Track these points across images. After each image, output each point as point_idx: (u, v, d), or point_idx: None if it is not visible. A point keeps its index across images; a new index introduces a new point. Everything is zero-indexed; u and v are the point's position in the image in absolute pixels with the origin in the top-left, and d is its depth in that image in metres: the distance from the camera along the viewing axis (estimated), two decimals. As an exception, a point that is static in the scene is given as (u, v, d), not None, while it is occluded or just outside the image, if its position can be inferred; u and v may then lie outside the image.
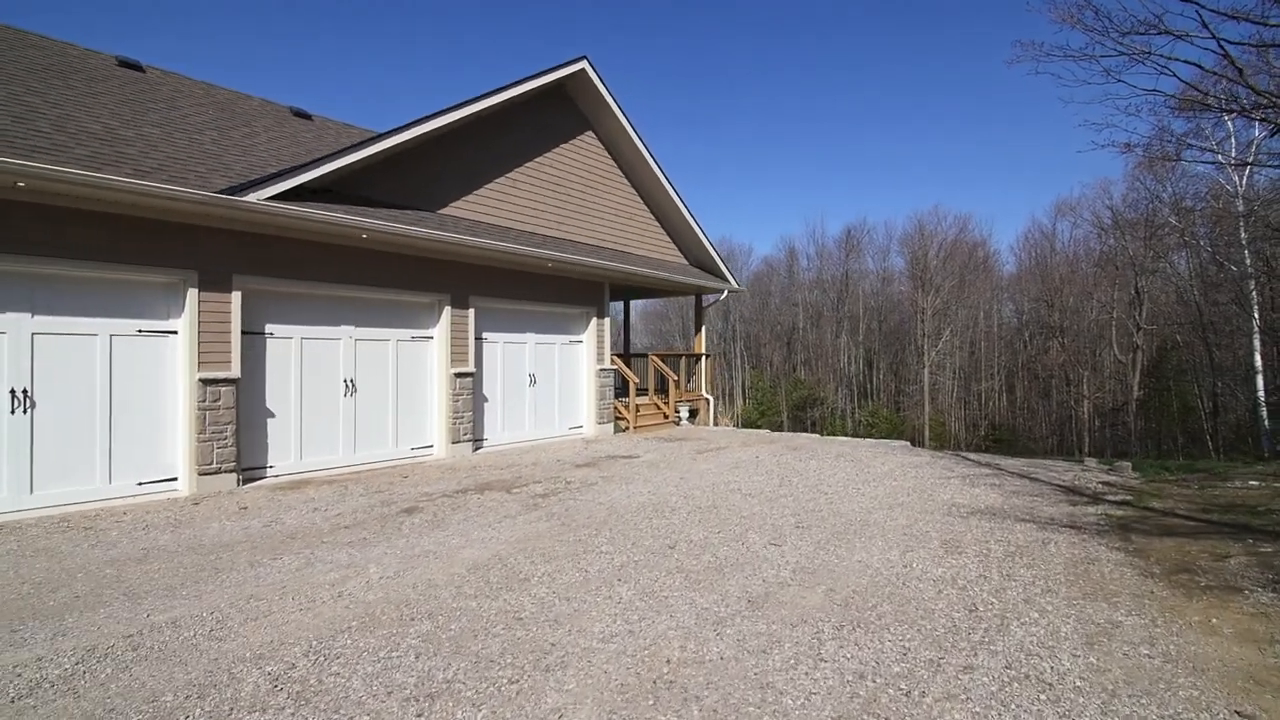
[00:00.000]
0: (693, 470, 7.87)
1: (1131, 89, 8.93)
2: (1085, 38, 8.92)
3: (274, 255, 7.37)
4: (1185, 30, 8.18)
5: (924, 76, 73.80)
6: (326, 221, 7.14)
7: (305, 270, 7.66)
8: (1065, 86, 10.44)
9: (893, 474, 7.63)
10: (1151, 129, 30.81)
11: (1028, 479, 7.42)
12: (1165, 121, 11.78)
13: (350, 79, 79.88)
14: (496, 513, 5.73)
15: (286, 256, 7.48)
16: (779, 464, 8.30)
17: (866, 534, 4.99)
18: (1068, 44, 9.97)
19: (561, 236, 10.96)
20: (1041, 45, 9.36)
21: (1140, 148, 10.64)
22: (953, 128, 74.76)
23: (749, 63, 79.38)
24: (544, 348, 10.82)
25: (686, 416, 12.68)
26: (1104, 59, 9.04)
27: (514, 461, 8.63)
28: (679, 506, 5.95)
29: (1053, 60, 9.32)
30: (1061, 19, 8.95)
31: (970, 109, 72.78)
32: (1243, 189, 19.61)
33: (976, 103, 71.68)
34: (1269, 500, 5.77)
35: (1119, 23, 8.54)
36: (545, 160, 10.77)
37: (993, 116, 71.27)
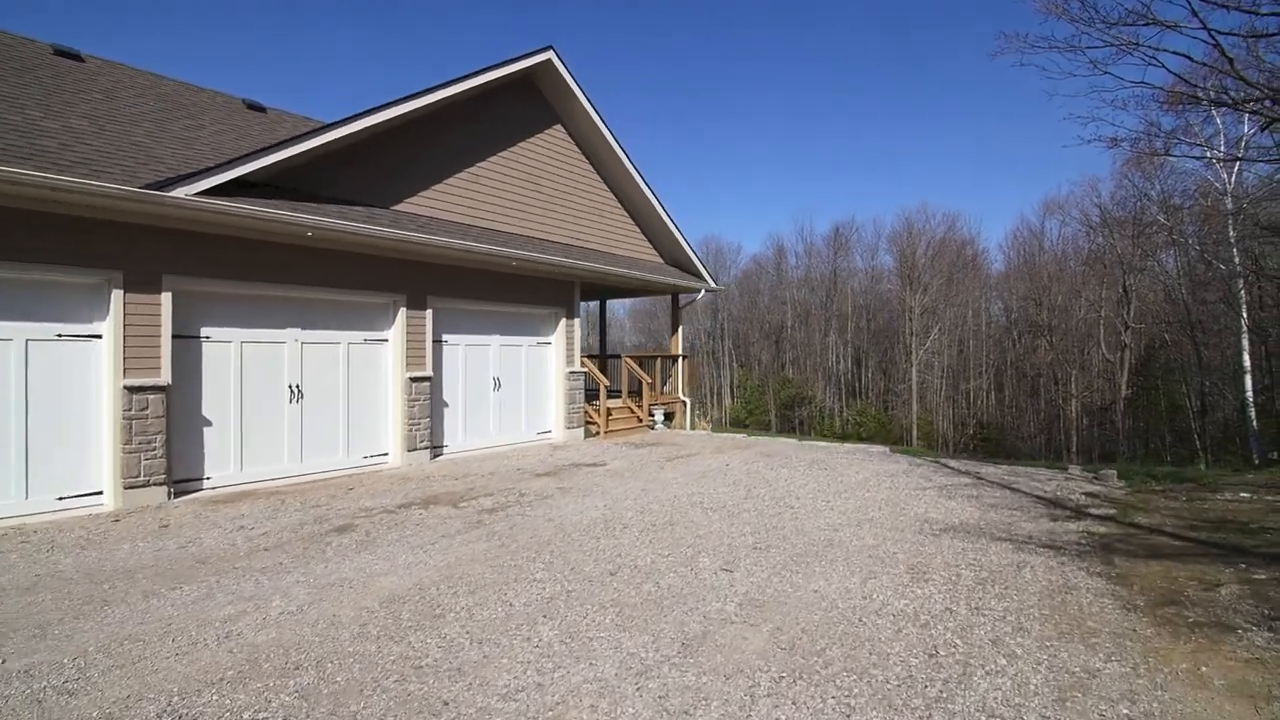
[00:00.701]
0: (657, 480, 7.47)
1: (1119, 81, 8.54)
2: (1071, 28, 8.56)
3: (211, 254, 6.89)
4: (1174, 20, 7.83)
5: (915, 72, 73.69)
6: (258, 218, 6.67)
7: (246, 270, 7.19)
8: (1050, 79, 10.07)
9: (866, 484, 7.26)
10: (1139, 123, 30.67)
11: (1008, 489, 7.07)
12: (1153, 116, 11.50)
13: (344, 74, 78.97)
14: (435, 531, 5.31)
15: (225, 255, 7.01)
16: (749, 473, 7.92)
17: (828, 556, 4.60)
18: (1053, 35, 9.61)
19: (528, 234, 10.52)
20: (1026, 36, 9.00)
21: (1127, 143, 10.32)
22: (943, 123, 74.74)
23: (740, 60, 79.01)
24: (510, 350, 10.38)
25: (662, 420, 12.28)
26: (1090, 50, 8.67)
27: (471, 470, 8.20)
28: (633, 523, 5.54)
29: (1038, 52, 8.95)
30: (1047, 9, 8.60)
31: (960, 104, 72.74)
32: (1231, 186, 19.41)
33: (967, 98, 71.66)
34: (1261, 516, 5.43)
35: (1106, 13, 8.18)
36: (511, 155, 10.32)
37: (984, 112, 71.26)
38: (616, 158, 11.81)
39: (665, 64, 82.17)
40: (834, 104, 77.81)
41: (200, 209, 6.31)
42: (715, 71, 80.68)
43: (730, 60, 79.36)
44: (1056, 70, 8.96)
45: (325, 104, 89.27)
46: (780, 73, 78.47)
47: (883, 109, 76.35)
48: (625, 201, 12.60)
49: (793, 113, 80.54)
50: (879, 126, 77.34)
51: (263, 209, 6.65)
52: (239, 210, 6.47)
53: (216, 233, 6.87)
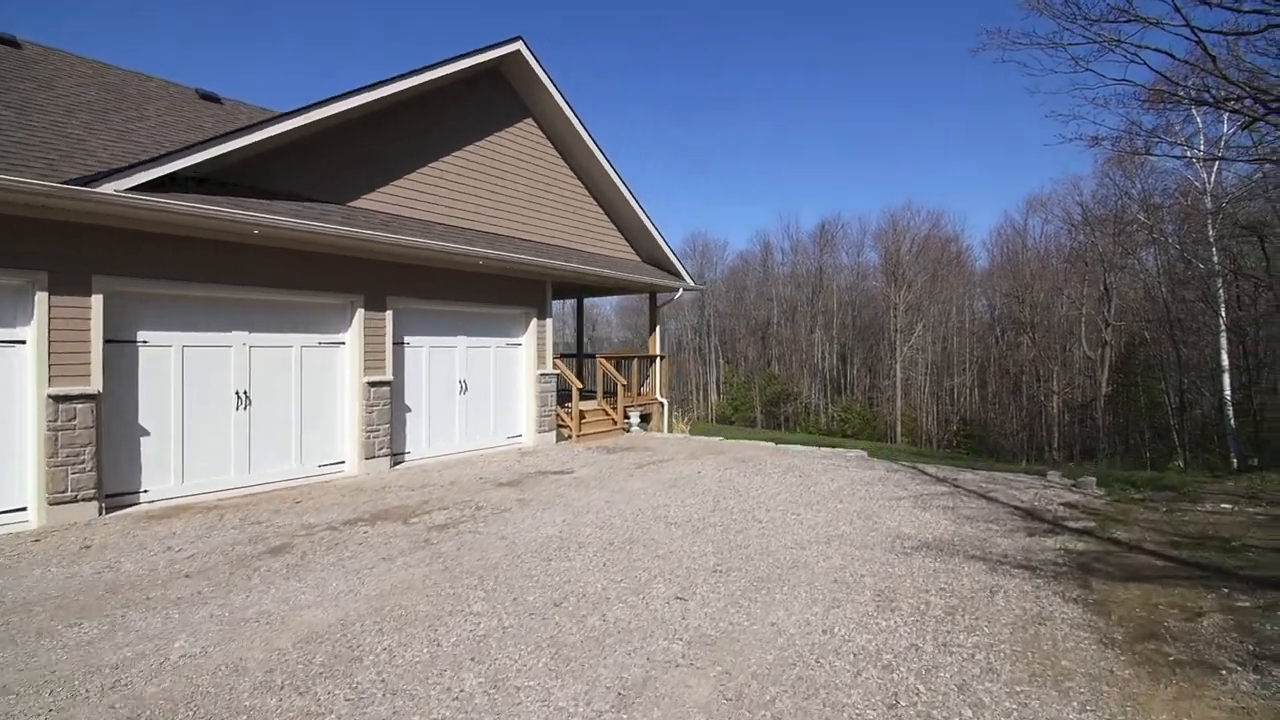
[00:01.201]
0: (624, 490, 7.17)
1: (1100, 78, 8.36)
2: (1053, 24, 8.34)
3: (149, 253, 6.46)
4: (1157, 17, 7.63)
5: (902, 67, 73.79)
6: (193, 215, 6.23)
7: (189, 270, 6.76)
8: (1032, 76, 9.89)
9: (840, 494, 7.01)
10: (1120, 121, 30.81)
11: (984, 499, 6.85)
12: (1134, 115, 11.41)
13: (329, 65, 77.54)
14: (377, 553, 4.96)
15: (165, 255, 6.57)
16: (720, 481, 7.64)
17: (792, 580, 4.32)
18: (1035, 31, 9.39)
19: (497, 232, 10.14)
20: (1008, 32, 8.77)
21: (1108, 141, 10.17)
22: (930, 118, 74.96)
23: (727, 57, 78.64)
24: (477, 352, 10.01)
25: (638, 422, 11.98)
26: (1072, 47, 8.47)
27: (432, 480, 7.84)
28: (590, 541, 5.23)
29: (1019, 48, 8.73)
30: (1030, 4, 8.37)
31: (948, 99, 72.97)
32: (1211, 186, 19.44)
33: (954, 93, 71.89)
34: (1243, 531, 5.24)
35: (1088, 9, 7.96)
36: (479, 149, 9.92)
37: (971, 108, 71.54)
38: (590, 153, 11.44)
39: (659, 59, 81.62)
40: (822, 96, 77.78)
41: (132, 206, 5.87)
42: (707, 63, 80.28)
43: (722, 52, 79.00)
44: (1038, 67, 8.73)
45: (303, 97, 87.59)
46: (770, 69, 78.26)
47: (871, 101, 76.43)
48: (600, 199, 12.25)
49: (780, 110, 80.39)
50: (866, 120, 77.44)
51: (197, 205, 6.21)
52: (172, 207, 6.04)
53: (155, 231, 6.43)
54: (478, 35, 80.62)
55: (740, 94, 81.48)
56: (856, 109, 77.62)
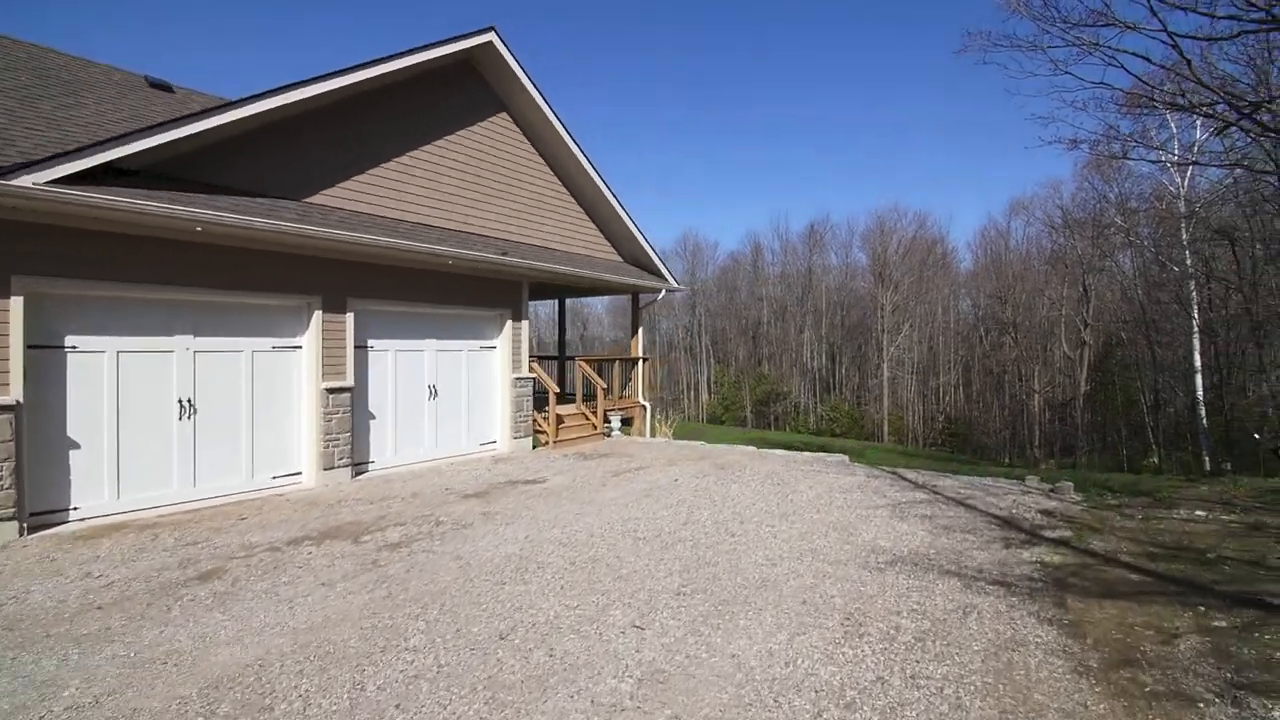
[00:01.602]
0: (595, 501, 6.88)
1: (1079, 81, 8.28)
2: (1033, 27, 8.26)
3: (79, 252, 6.03)
4: (1134, 21, 7.57)
5: (887, 69, 74.31)
6: (117, 209, 5.81)
7: (124, 270, 6.34)
8: (1012, 78, 9.78)
9: (817, 503, 6.79)
10: (1098, 124, 31.15)
11: (963, 506, 6.67)
12: (1112, 119, 11.41)
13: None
14: (317, 577, 4.62)
15: (99, 253, 6.15)
16: (696, 490, 7.39)
17: (758, 603, 4.07)
18: (1015, 33, 9.30)
19: (469, 230, 9.79)
20: (989, 34, 8.67)
21: (1086, 144, 10.11)
22: (916, 122, 75.59)
23: (712, 56, 78.62)
24: (448, 355, 9.65)
25: (618, 427, 11.69)
26: (1051, 49, 8.39)
27: (394, 491, 7.49)
28: (551, 561, 4.94)
29: (1000, 50, 8.63)
30: (1009, 6, 8.25)
31: (934, 103, 73.64)
32: (1185, 190, 19.64)
33: (941, 96, 72.55)
34: (1218, 542, 5.09)
35: (1067, 12, 7.88)
36: (450, 144, 9.56)
37: (958, 112, 72.26)
38: (569, 151, 11.13)
39: (651, 60, 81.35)
40: (815, 98, 78.06)
41: (50, 200, 5.45)
42: (699, 61, 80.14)
43: (715, 52, 78.92)
44: (1018, 69, 8.65)
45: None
46: (759, 65, 78.36)
47: (863, 104, 76.87)
48: (580, 197, 11.94)
49: (769, 108, 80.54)
50: (855, 120, 77.85)
51: (122, 200, 5.78)
52: (94, 201, 5.62)
53: (88, 228, 6.01)
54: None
55: (733, 91, 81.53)
56: (846, 108, 78.02)
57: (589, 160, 11.34)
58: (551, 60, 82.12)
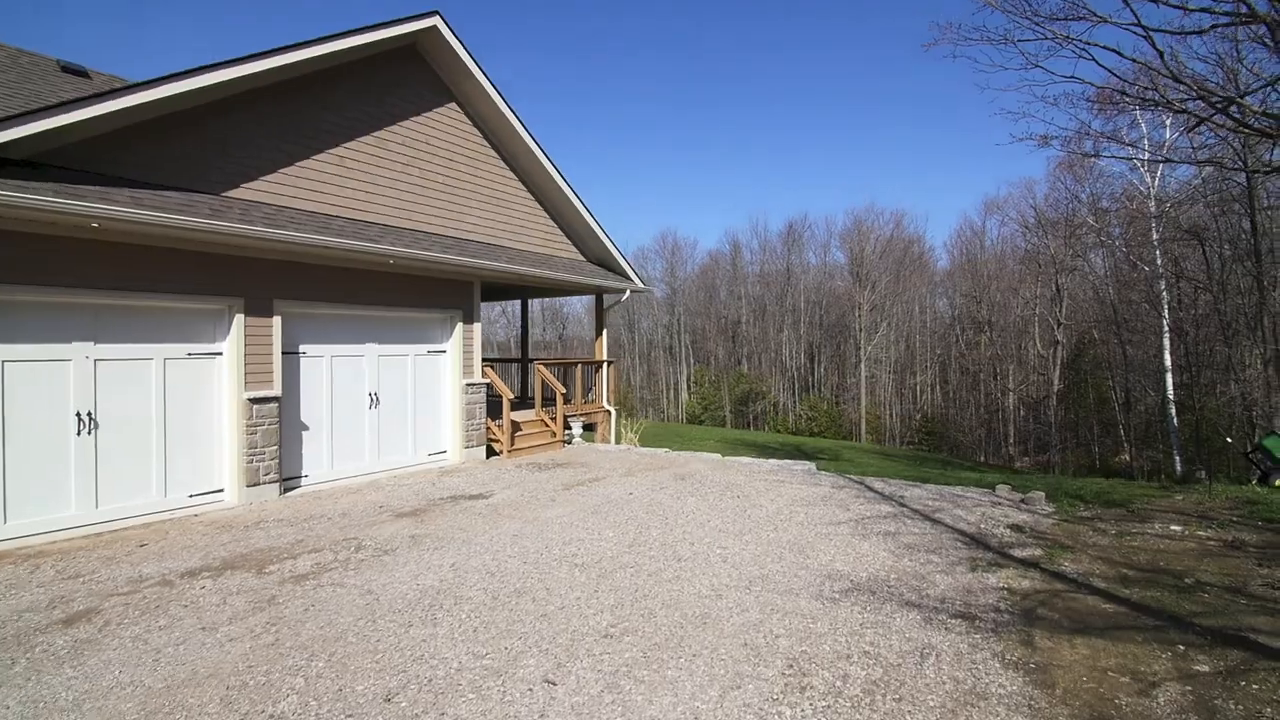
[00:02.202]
0: (538, 520, 6.38)
1: (1050, 75, 7.96)
2: (1004, 20, 8.00)
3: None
4: (1106, 14, 7.34)
5: (866, 63, 74.74)
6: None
7: (9, 270, 5.68)
8: (982, 72, 9.42)
9: (777, 518, 6.37)
10: (1069, 119, 31.42)
11: (929, 521, 6.30)
12: (1082, 115, 11.25)
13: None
14: (201, 618, 4.06)
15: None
16: (649, 506, 6.92)
17: (694, 645, 3.61)
18: (985, 25, 9.03)
19: (414, 227, 9.20)
20: (959, 27, 8.39)
21: (1058, 140, 9.88)
22: (894, 118, 76.15)
23: (694, 52, 78.36)
24: (392, 360, 9.06)
25: (580, 433, 11.18)
26: (1023, 43, 8.14)
27: (323, 510, 6.90)
28: (471, 596, 4.43)
29: (970, 44, 8.36)
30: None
31: (912, 98, 74.22)
32: (1155, 189, 19.72)
33: (917, 92, 73.13)
34: (1195, 563, 4.76)
35: (1038, 4, 7.64)
36: (392, 135, 8.97)
37: (935, 108, 72.92)
38: (525, 145, 10.59)
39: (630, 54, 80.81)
40: (792, 94, 78.20)
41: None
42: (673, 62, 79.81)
43: (690, 51, 78.63)
44: (988, 62, 8.37)
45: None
46: (741, 64, 78.28)
47: (838, 100, 77.19)
48: (539, 194, 11.40)
49: (750, 106, 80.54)
50: (835, 120, 78.18)
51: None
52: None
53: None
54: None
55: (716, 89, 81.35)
56: (830, 108, 78.31)
57: (547, 156, 10.81)
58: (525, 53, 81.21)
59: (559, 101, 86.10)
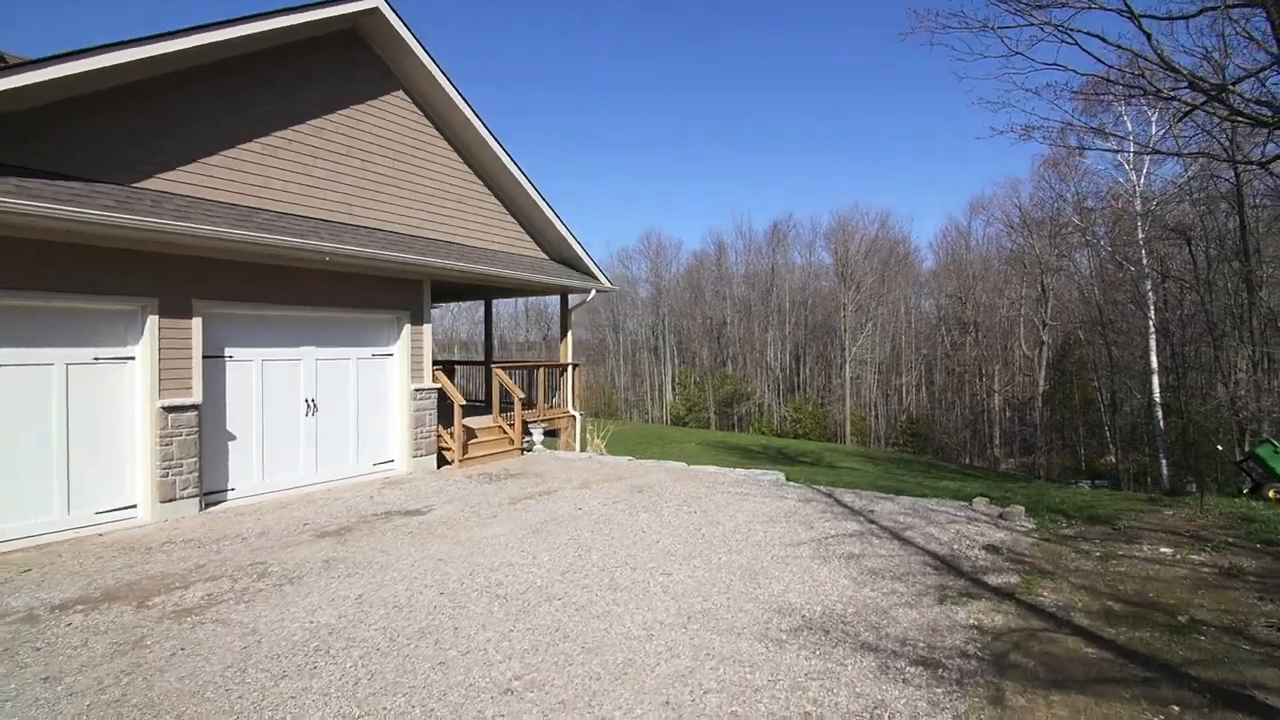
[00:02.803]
0: (471, 541, 5.81)
1: (1031, 63, 7.50)
2: (985, 6, 7.56)
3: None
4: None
5: (848, 61, 74.69)
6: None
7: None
8: (960, 60, 8.93)
9: (733, 538, 5.84)
10: (1052, 110, 31.22)
11: (898, 540, 5.79)
12: (1065, 106, 10.87)
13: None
14: (49, 666, 3.46)
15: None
16: (597, 523, 6.36)
17: (607, 705, 3.07)
18: (963, 12, 8.57)
19: (353, 222, 8.58)
20: (937, 14, 7.96)
21: (1040, 131, 9.47)
22: (881, 117, 76.15)
23: (675, 50, 78.02)
24: (332, 365, 8.44)
25: (540, 440, 10.61)
26: (1003, 30, 7.71)
27: (239, 529, 6.29)
28: (366, 638, 3.86)
29: (949, 31, 7.92)
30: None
31: (898, 98, 74.25)
32: (1140, 187, 19.44)
33: (904, 92, 73.17)
34: (1188, 595, 4.28)
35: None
36: (330, 124, 8.35)
37: (922, 108, 72.96)
38: (479, 137, 10.00)
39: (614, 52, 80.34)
40: (771, 94, 78.03)
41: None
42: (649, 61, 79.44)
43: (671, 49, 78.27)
44: (966, 50, 7.91)
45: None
46: (720, 62, 78.02)
47: (827, 100, 77.10)
48: (497, 190, 10.82)
49: (733, 103, 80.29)
50: (823, 118, 78.08)
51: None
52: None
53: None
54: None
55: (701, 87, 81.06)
56: (815, 105, 78.24)
57: (504, 149, 10.23)
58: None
59: (549, 98, 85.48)
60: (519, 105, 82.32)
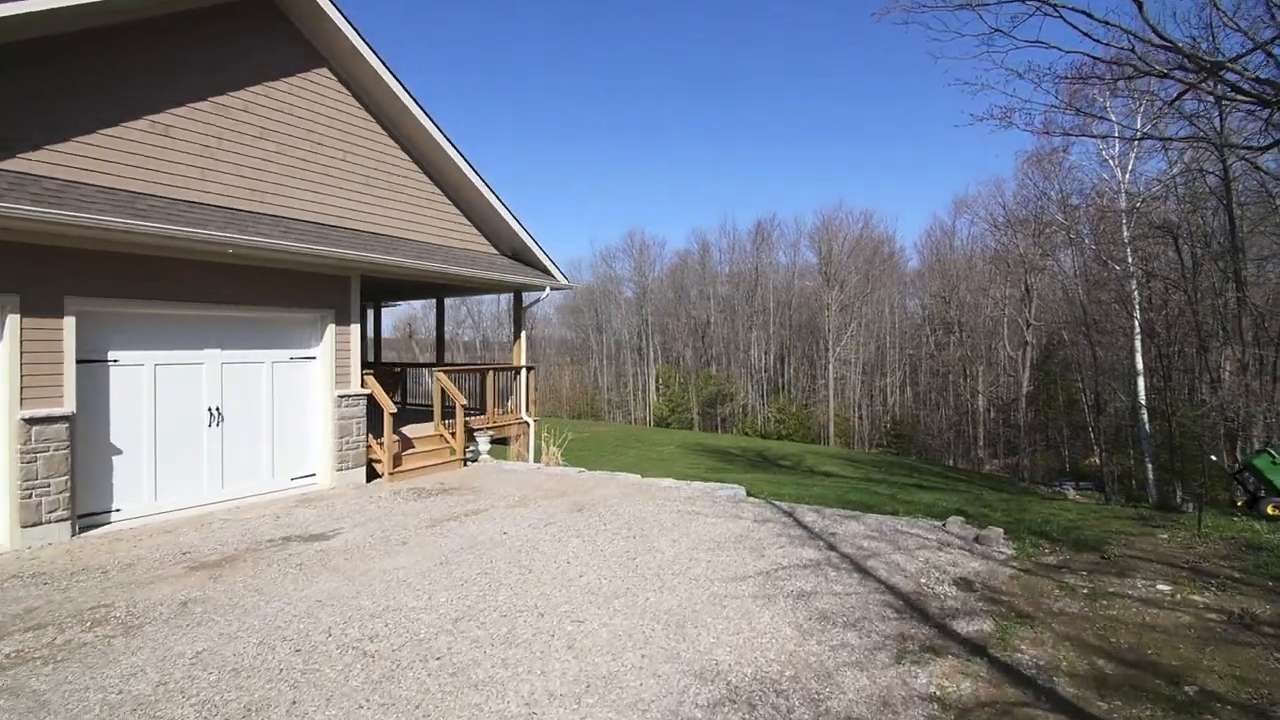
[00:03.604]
0: (366, 575, 5.00)
1: (1012, 41, 6.82)
2: None
3: None
4: None
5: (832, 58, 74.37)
6: None
7: None
8: (935, 40, 8.16)
9: (669, 571, 5.08)
10: (1033, 92, 30.77)
11: (859, 572, 5.07)
12: (1048, 88, 10.26)
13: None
14: None
15: None
16: (518, 552, 5.58)
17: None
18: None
19: (270, 212, 7.73)
20: None
21: (1021, 116, 8.82)
22: (865, 114, 75.90)
23: (655, 47, 77.30)
24: (242, 369, 7.59)
25: (487, 450, 9.79)
26: (981, 6, 7.05)
27: (106, 560, 5.43)
28: (174, 717, 3.06)
29: (924, 10, 7.23)
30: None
31: (884, 93, 74.04)
32: (1125, 184, 18.96)
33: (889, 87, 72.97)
34: (1196, 655, 3.57)
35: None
36: (240, 101, 7.50)
37: (906, 102, 72.78)
38: (415, 121, 9.18)
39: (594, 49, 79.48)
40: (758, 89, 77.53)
41: None
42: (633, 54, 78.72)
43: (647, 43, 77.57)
44: (941, 28, 7.21)
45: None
46: (701, 65, 77.42)
47: (814, 95, 76.72)
48: (440, 180, 9.99)
49: (714, 99, 79.71)
50: (806, 116, 77.71)
51: None
52: None
53: None
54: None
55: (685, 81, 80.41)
56: (799, 105, 77.87)
57: (445, 134, 9.42)
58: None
59: (535, 99, 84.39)
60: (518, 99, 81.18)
